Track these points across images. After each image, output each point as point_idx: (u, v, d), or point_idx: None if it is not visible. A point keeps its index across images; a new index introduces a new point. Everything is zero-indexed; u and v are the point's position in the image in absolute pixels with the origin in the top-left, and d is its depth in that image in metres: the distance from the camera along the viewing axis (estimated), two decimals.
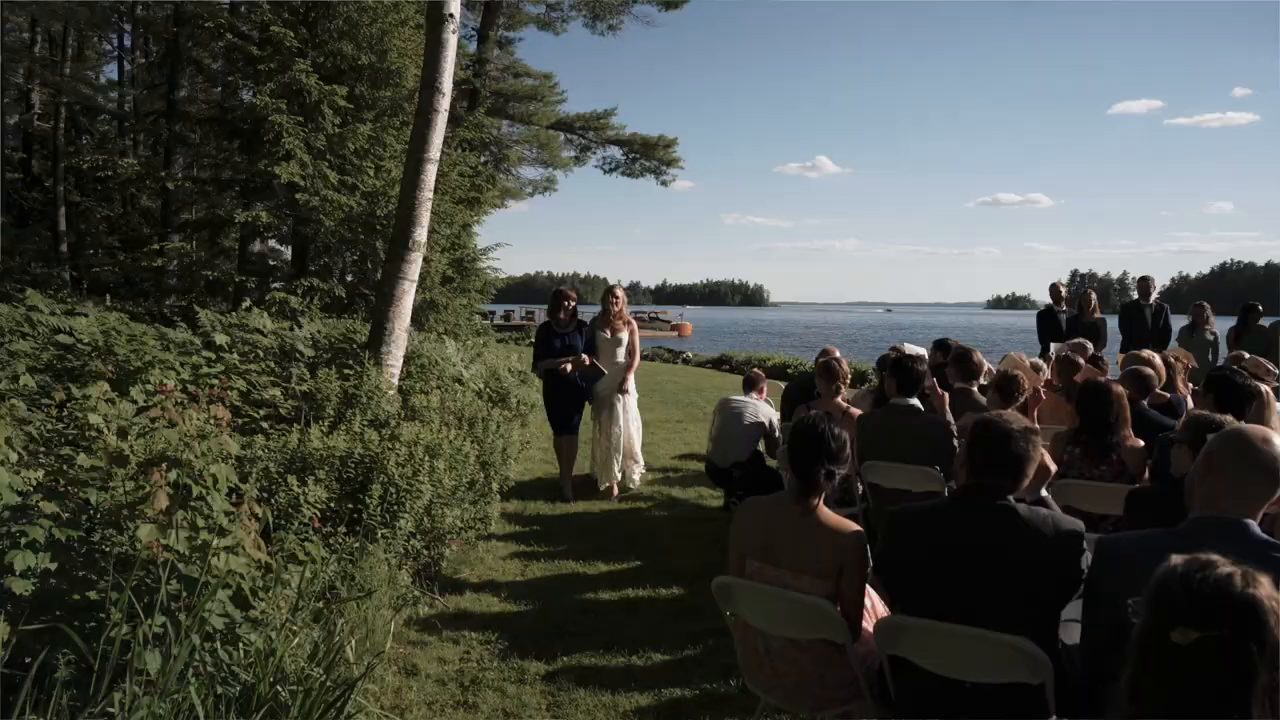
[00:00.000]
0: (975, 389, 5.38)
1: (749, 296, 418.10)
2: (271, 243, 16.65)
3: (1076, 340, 7.89)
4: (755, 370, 7.71)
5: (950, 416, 4.83)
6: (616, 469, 7.14)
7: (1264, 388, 4.45)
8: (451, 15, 7.78)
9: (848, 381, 5.50)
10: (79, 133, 24.00)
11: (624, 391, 7.15)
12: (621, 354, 7.15)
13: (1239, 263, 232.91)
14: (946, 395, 5.00)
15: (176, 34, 14.60)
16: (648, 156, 23.94)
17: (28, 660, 2.54)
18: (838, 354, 6.00)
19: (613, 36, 24.33)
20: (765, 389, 7.22)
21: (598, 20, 24.26)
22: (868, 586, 2.81)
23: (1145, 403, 4.79)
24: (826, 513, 2.71)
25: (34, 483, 3.28)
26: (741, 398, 6.75)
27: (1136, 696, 1.35)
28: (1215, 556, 1.37)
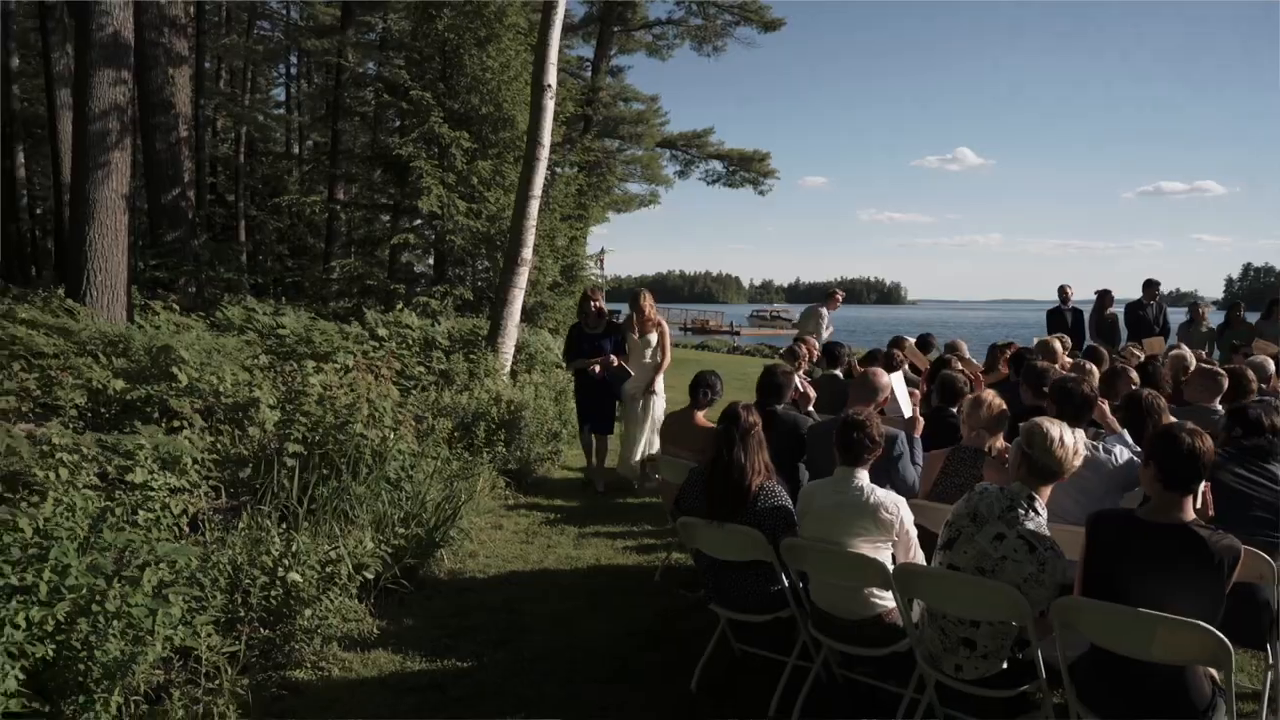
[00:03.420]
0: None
1: (885, 294, 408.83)
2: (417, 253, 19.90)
3: (1058, 334, 9.83)
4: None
5: None
6: (635, 462, 7.50)
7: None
8: (549, 85, 10.28)
9: (810, 359, 7.70)
10: (254, 153, 28.33)
11: (651, 392, 7.52)
12: (650, 355, 7.56)
13: None
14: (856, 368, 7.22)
15: (338, 89, 18.02)
16: (745, 169, 26.32)
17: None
18: (814, 343, 8.31)
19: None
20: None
21: (703, 44, 26.66)
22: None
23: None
24: (702, 419, 5.10)
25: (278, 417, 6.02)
26: None
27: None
28: (750, 404, 3.68)
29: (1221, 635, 2.46)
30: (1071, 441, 2.94)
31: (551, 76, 10.30)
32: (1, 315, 8.77)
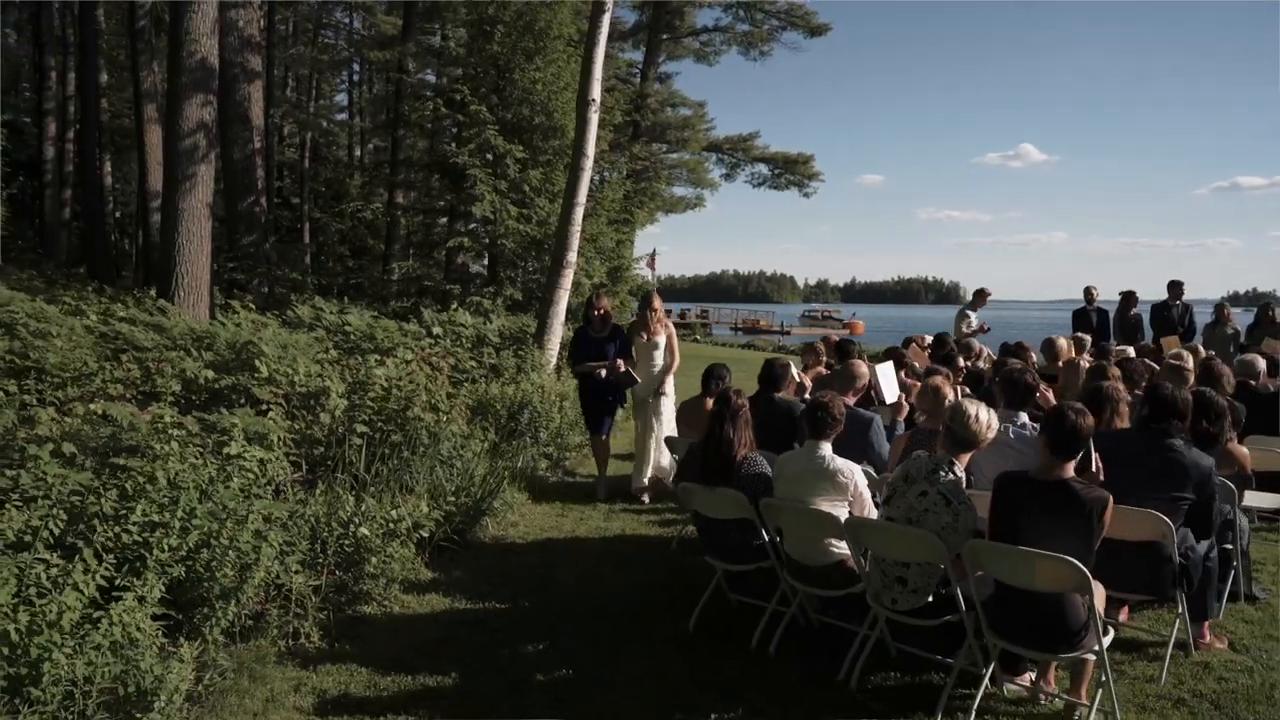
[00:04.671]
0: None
1: (943, 294, 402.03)
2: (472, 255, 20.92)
3: (1077, 334, 10.29)
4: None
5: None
6: (646, 474, 7.52)
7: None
8: (594, 100, 11.04)
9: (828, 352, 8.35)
10: (318, 158, 29.73)
11: (661, 393, 7.52)
12: (659, 356, 7.48)
13: None
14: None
15: (398, 101, 19.10)
16: (790, 172, 26.94)
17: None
18: (831, 337, 8.95)
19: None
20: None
21: (750, 49, 27.27)
22: None
23: None
24: (709, 403, 5.82)
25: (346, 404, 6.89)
26: None
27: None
28: (739, 390, 4.39)
29: (1083, 567, 3.12)
30: (986, 418, 3.62)
31: (596, 92, 11.04)
32: (102, 313, 9.89)
